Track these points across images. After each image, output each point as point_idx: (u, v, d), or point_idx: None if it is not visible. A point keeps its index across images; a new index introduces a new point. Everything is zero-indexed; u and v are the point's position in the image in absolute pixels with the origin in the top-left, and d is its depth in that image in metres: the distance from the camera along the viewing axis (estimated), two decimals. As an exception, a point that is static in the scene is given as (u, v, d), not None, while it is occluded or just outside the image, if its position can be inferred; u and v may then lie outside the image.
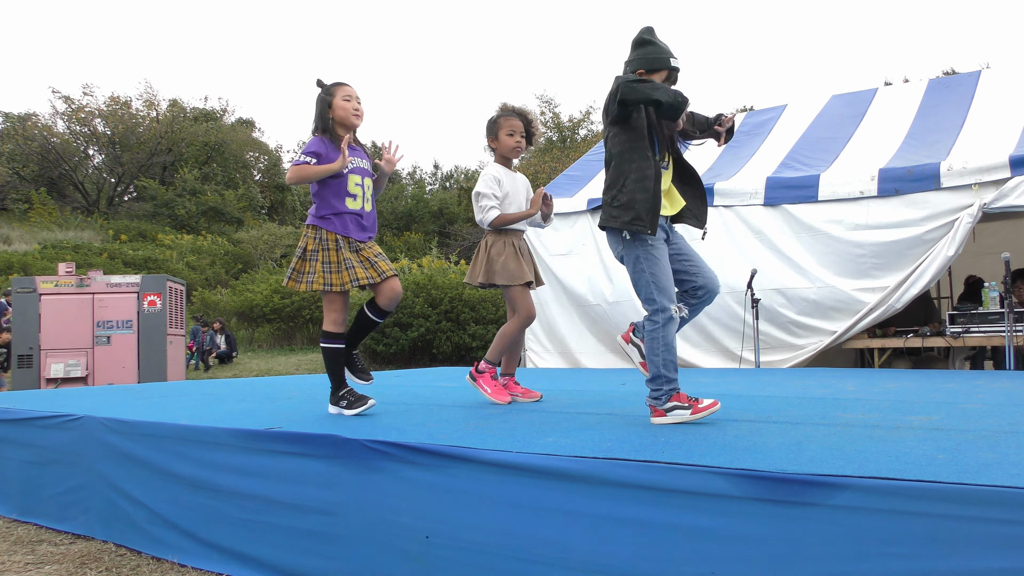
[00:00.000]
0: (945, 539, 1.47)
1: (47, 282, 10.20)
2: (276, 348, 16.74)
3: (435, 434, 2.40)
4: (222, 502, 2.57)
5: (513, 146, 3.64)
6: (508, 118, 3.66)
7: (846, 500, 1.57)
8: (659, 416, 2.62)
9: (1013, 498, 1.44)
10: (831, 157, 7.25)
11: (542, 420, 2.77)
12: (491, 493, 2.00)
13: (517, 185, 3.69)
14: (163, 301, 10.38)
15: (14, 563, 2.73)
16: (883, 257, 6.50)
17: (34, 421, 3.36)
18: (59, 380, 9.83)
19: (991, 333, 6.22)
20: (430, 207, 29.58)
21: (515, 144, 3.63)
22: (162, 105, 30.07)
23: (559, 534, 1.88)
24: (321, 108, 3.19)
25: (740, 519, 1.66)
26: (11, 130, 26.90)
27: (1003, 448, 1.95)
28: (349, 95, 3.20)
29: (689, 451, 1.98)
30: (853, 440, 2.13)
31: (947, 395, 3.49)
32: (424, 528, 2.10)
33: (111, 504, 2.95)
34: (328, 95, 3.20)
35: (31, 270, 16.75)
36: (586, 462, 1.89)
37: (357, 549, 2.24)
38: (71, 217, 25.82)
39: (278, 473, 2.45)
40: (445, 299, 13.46)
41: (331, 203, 3.12)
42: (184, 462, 2.72)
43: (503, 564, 1.95)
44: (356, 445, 2.27)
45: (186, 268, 20.07)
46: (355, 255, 3.12)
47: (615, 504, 1.81)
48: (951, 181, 6.19)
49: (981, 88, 7.54)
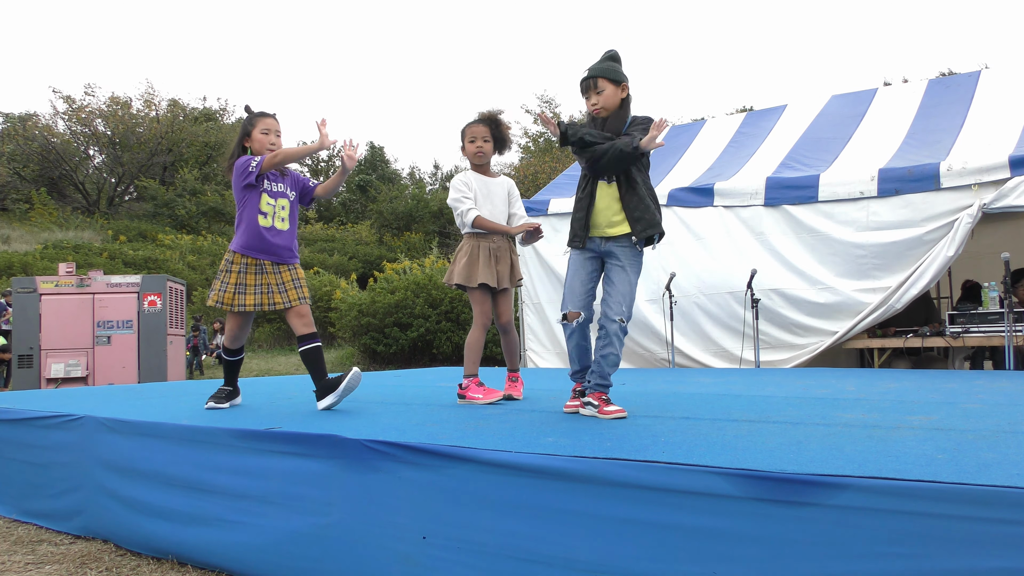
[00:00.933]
0: (945, 539, 1.47)
1: (47, 282, 10.20)
2: (276, 348, 16.76)
3: (435, 434, 2.40)
4: (214, 502, 2.57)
5: (474, 151, 3.71)
6: (470, 126, 3.75)
7: (846, 500, 1.57)
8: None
9: (1013, 498, 1.44)
10: (831, 157, 7.25)
11: (542, 420, 2.77)
12: (490, 493, 2.00)
13: (491, 188, 3.74)
14: (163, 301, 10.38)
15: (14, 563, 2.73)
16: (883, 257, 6.51)
17: (34, 421, 3.36)
18: (59, 380, 9.83)
19: (991, 333, 6.22)
20: (430, 207, 29.57)
21: (476, 150, 3.70)
22: (162, 105, 30.10)
23: (558, 534, 1.88)
24: (240, 136, 3.42)
25: (740, 519, 1.66)
26: (12, 130, 26.91)
27: (1003, 448, 1.95)
28: (268, 128, 3.40)
29: (689, 451, 1.98)
30: (853, 440, 2.13)
31: (947, 395, 3.49)
32: (421, 528, 2.10)
33: (111, 504, 2.95)
34: (249, 124, 3.41)
35: (31, 270, 16.75)
36: (586, 462, 1.89)
37: (350, 550, 2.24)
38: (71, 217, 25.83)
39: (274, 473, 2.45)
40: (445, 299, 13.46)
41: (245, 219, 3.34)
42: (182, 462, 2.72)
43: (501, 564, 1.95)
44: (356, 445, 2.27)
45: (186, 268, 20.07)
46: (257, 277, 3.35)
47: (615, 504, 1.81)
48: (951, 181, 6.19)
49: (981, 88, 7.55)
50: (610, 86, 2.96)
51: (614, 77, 2.97)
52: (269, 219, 3.35)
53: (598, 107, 2.97)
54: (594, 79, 2.96)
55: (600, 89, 2.96)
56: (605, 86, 2.95)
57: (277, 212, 3.37)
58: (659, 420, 2.71)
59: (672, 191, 7.60)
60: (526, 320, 8.73)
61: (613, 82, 2.96)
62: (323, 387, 3.31)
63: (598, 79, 2.96)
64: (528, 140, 31.05)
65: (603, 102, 2.96)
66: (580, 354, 3.02)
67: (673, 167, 8.40)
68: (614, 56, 3.05)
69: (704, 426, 2.51)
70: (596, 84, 2.96)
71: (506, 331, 3.74)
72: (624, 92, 3.00)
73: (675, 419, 2.74)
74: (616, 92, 2.97)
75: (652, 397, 3.66)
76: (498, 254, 3.71)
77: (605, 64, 3.00)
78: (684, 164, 8.43)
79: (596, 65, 3.02)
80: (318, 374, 3.35)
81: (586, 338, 3.02)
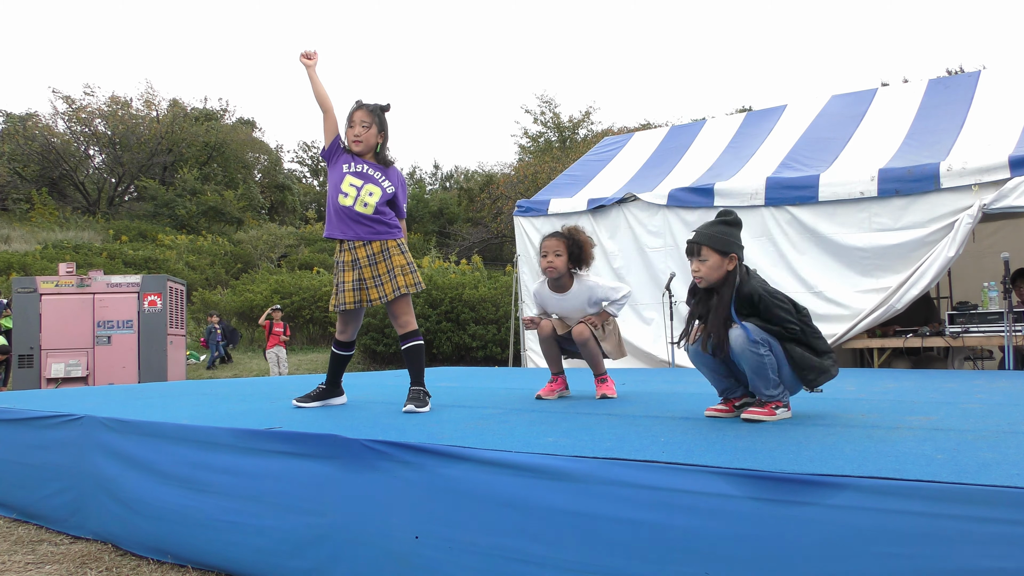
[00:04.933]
0: (945, 539, 1.47)
1: (48, 282, 10.20)
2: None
3: (435, 434, 2.40)
4: (213, 502, 2.56)
5: (545, 267, 3.68)
6: (546, 239, 3.72)
7: (845, 500, 1.57)
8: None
9: (1013, 498, 1.44)
10: (831, 157, 7.25)
11: (542, 420, 2.77)
12: (485, 493, 2.00)
13: (563, 305, 3.72)
14: (163, 301, 10.39)
15: (14, 563, 2.73)
16: (884, 258, 6.51)
17: (34, 421, 3.36)
18: (59, 380, 9.83)
19: (991, 333, 6.22)
20: (430, 207, 29.58)
21: (546, 265, 3.66)
22: (162, 105, 30.10)
23: (551, 534, 1.87)
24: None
25: (740, 519, 1.66)
26: (12, 130, 26.89)
27: (1003, 448, 1.95)
28: (351, 121, 3.37)
29: (689, 451, 1.98)
30: (853, 440, 2.13)
31: (947, 395, 3.49)
32: (414, 528, 2.10)
33: (110, 503, 2.94)
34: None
35: (31, 270, 16.75)
36: (586, 462, 1.89)
37: (345, 550, 2.23)
38: (72, 217, 25.82)
39: (273, 473, 2.44)
40: (445, 299, 13.47)
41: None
42: (180, 461, 2.72)
43: (493, 564, 1.94)
44: (357, 445, 2.27)
45: (186, 268, 20.06)
46: (349, 274, 3.36)
47: (614, 504, 1.81)
48: (951, 181, 6.19)
49: (981, 88, 7.55)
50: (714, 256, 2.64)
51: (721, 248, 2.64)
52: (349, 199, 3.37)
53: (699, 276, 2.68)
54: (698, 245, 2.67)
55: (704, 258, 2.65)
56: (709, 255, 2.64)
57: (361, 196, 3.36)
58: (659, 420, 2.71)
59: (672, 191, 7.60)
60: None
61: (719, 253, 2.64)
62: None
63: (702, 247, 2.65)
64: (528, 140, 31.06)
65: (705, 272, 2.66)
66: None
67: (673, 167, 8.40)
68: (730, 221, 2.72)
69: (704, 426, 2.51)
70: (699, 251, 2.66)
71: (582, 345, 3.70)
72: (732, 264, 2.64)
73: (675, 419, 2.74)
74: (722, 264, 2.64)
75: (652, 397, 3.66)
76: (564, 310, 3.76)
77: (714, 229, 2.69)
78: (684, 164, 8.43)
79: (704, 229, 2.71)
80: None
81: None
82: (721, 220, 2.73)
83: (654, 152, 9.05)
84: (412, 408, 3.15)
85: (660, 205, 7.65)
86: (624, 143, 9.79)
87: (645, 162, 8.88)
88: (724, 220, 2.73)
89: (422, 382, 3.32)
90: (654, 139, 9.45)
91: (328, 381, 3.55)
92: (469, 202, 29.89)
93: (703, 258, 2.66)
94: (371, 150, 3.36)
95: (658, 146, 9.17)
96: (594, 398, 3.66)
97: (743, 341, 2.54)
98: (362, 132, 3.31)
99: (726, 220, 2.73)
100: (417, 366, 3.34)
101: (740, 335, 2.55)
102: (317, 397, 3.49)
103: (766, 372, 2.56)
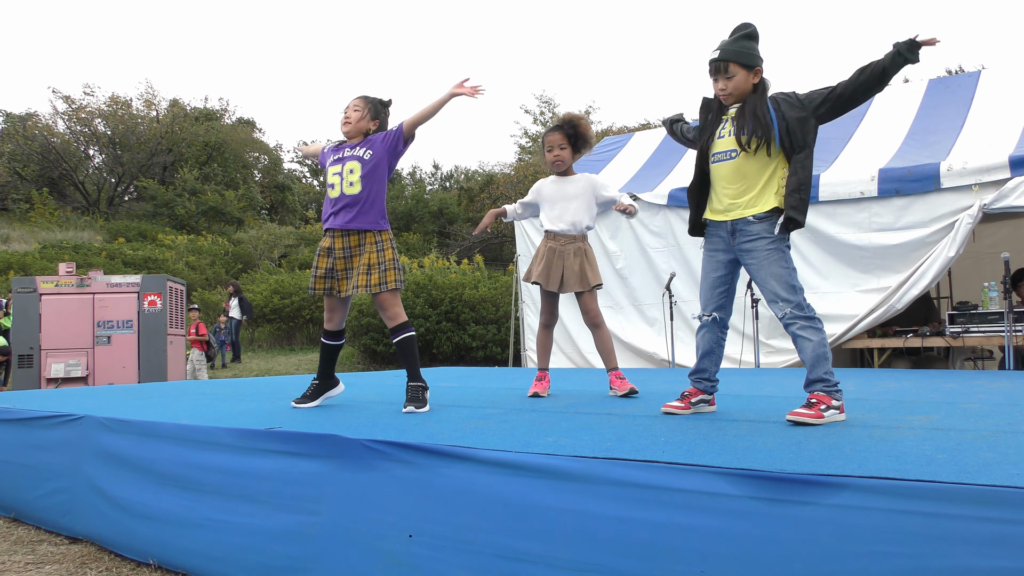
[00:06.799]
0: (945, 539, 1.47)
1: (47, 282, 10.20)
2: (276, 348, 16.75)
3: (435, 434, 2.40)
4: (207, 503, 2.56)
5: (552, 160, 3.77)
6: (547, 135, 3.82)
7: (845, 499, 1.57)
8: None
9: (1013, 498, 1.44)
10: (831, 157, 7.25)
11: (542, 420, 2.77)
12: (489, 492, 1.99)
13: (566, 190, 3.79)
14: (163, 301, 10.38)
15: (14, 563, 2.73)
16: (884, 258, 6.51)
17: (34, 421, 3.35)
18: (59, 380, 9.83)
19: (991, 333, 6.22)
20: (430, 207, 29.56)
21: (553, 159, 3.76)
22: (162, 105, 30.09)
23: (557, 533, 1.87)
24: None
25: (740, 518, 1.66)
26: (12, 130, 26.89)
27: (1003, 448, 1.95)
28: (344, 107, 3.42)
29: (689, 451, 1.98)
30: (853, 440, 2.13)
31: (947, 395, 3.49)
32: (407, 527, 2.09)
33: (108, 504, 2.94)
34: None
35: (31, 270, 16.74)
36: (586, 462, 1.89)
37: (334, 549, 2.22)
38: (71, 217, 25.82)
39: (272, 473, 2.43)
40: (445, 299, 13.46)
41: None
42: (178, 462, 2.71)
43: (486, 562, 1.93)
44: (357, 445, 2.27)
45: (186, 268, 20.06)
46: (324, 260, 3.32)
47: (615, 504, 1.81)
48: (951, 181, 6.19)
49: (981, 88, 7.54)
50: (742, 71, 2.64)
51: (747, 62, 2.64)
52: (336, 190, 3.39)
53: (726, 92, 2.68)
54: (724, 63, 2.64)
55: (731, 74, 2.65)
56: (736, 71, 2.64)
57: (344, 179, 3.35)
58: (659, 420, 2.71)
59: (672, 191, 7.60)
60: (526, 320, 8.73)
61: (746, 67, 2.64)
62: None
63: (729, 63, 2.64)
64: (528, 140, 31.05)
65: (732, 88, 2.66)
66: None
67: (673, 167, 8.39)
68: (750, 34, 2.69)
69: (704, 426, 2.51)
70: (727, 68, 2.64)
71: (595, 327, 3.71)
72: (757, 78, 2.67)
73: (675, 419, 2.74)
74: (748, 78, 2.66)
75: (652, 397, 3.66)
76: (564, 256, 3.71)
77: (739, 44, 2.65)
78: (685, 164, 8.42)
79: (728, 44, 2.67)
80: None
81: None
82: (743, 34, 2.68)
83: (654, 152, 9.05)
84: (412, 409, 3.14)
85: (661, 205, 7.65)
86: (624, 143, 9.78)
87: (645, 162, 8.88)
88: (746, 34, 2.69)
89: (419, 375, 3.31)
90: (654, 139, 9.44)
91: (320, 375, 3.54)
92: (469, 202, 29.86)
93: (730, 75, 2.65)
94: (359, 134, 3.36)
95: (658, 146, 9.16)
96: (594, 398, 3.65)
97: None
98: (352, 115, 3.34)
99: (747, 33, 2.69)
100: (412, 360, 3.33)
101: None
102: (314, 395, 3.50)
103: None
